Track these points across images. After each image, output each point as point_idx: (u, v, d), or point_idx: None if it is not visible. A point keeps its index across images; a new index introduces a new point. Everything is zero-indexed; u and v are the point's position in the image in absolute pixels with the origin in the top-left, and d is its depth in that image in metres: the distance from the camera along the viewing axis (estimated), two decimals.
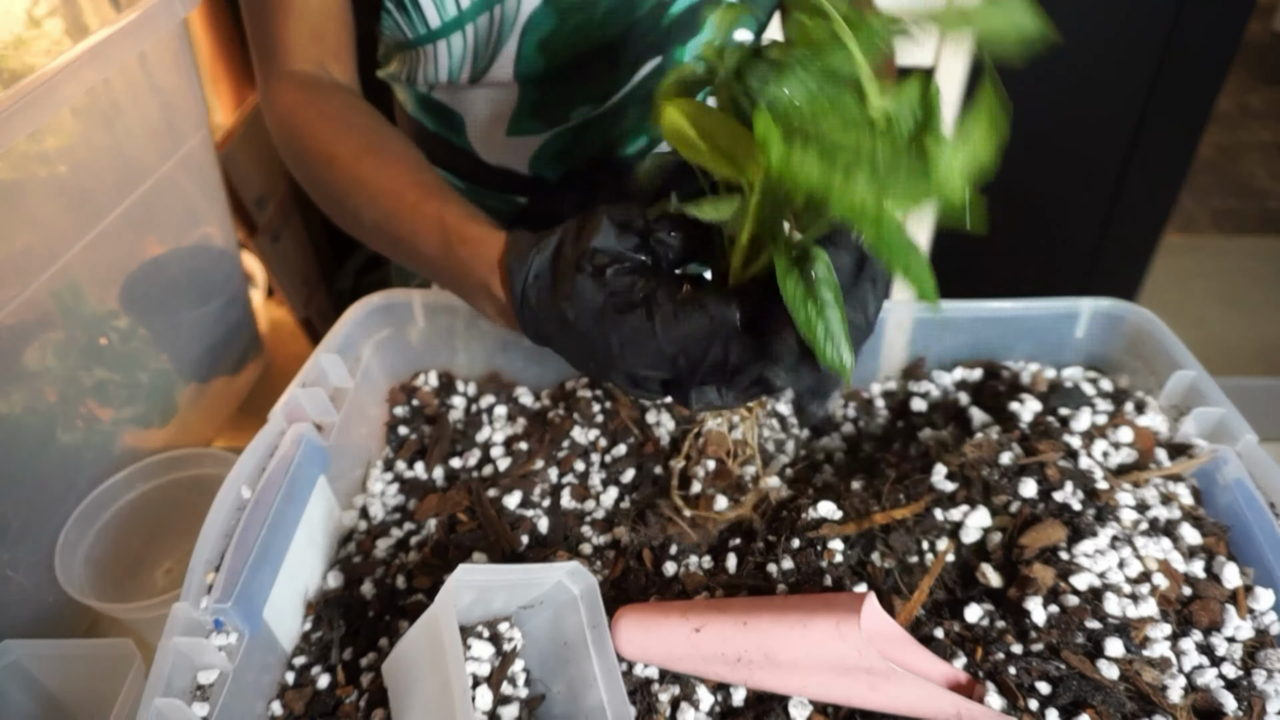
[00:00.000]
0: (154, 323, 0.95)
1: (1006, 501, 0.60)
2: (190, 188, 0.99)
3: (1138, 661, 0.52)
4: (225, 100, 1.62)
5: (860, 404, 0.78)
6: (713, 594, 0.60)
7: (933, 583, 0.57)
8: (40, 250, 0.79)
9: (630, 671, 0.56)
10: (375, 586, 0.65)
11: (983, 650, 0.53)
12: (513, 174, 0.78)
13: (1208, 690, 0.51)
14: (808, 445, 0.75)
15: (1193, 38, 1.48)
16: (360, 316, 0.75)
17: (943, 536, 0.59)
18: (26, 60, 0.90)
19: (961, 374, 0.77)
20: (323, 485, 0.68)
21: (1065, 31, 1.56)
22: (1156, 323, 0.72)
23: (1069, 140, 1.63)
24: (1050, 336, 0.76)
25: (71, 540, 0.80)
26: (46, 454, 0.80)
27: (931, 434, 0.69)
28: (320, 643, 0.62)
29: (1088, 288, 1.79)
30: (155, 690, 0.50)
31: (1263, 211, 2.73)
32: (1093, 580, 0.55)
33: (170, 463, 0.87)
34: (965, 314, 0.76)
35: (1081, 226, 1.74)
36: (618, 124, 0.75)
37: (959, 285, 2.02)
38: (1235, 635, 0.55)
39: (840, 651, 0.50)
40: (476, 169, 0.78)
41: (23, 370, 0.78)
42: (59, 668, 0.70)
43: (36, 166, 0.80)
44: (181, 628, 0.53)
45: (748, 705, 0.54)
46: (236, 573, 0.56)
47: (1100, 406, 0.69)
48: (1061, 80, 1.57)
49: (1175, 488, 0.63)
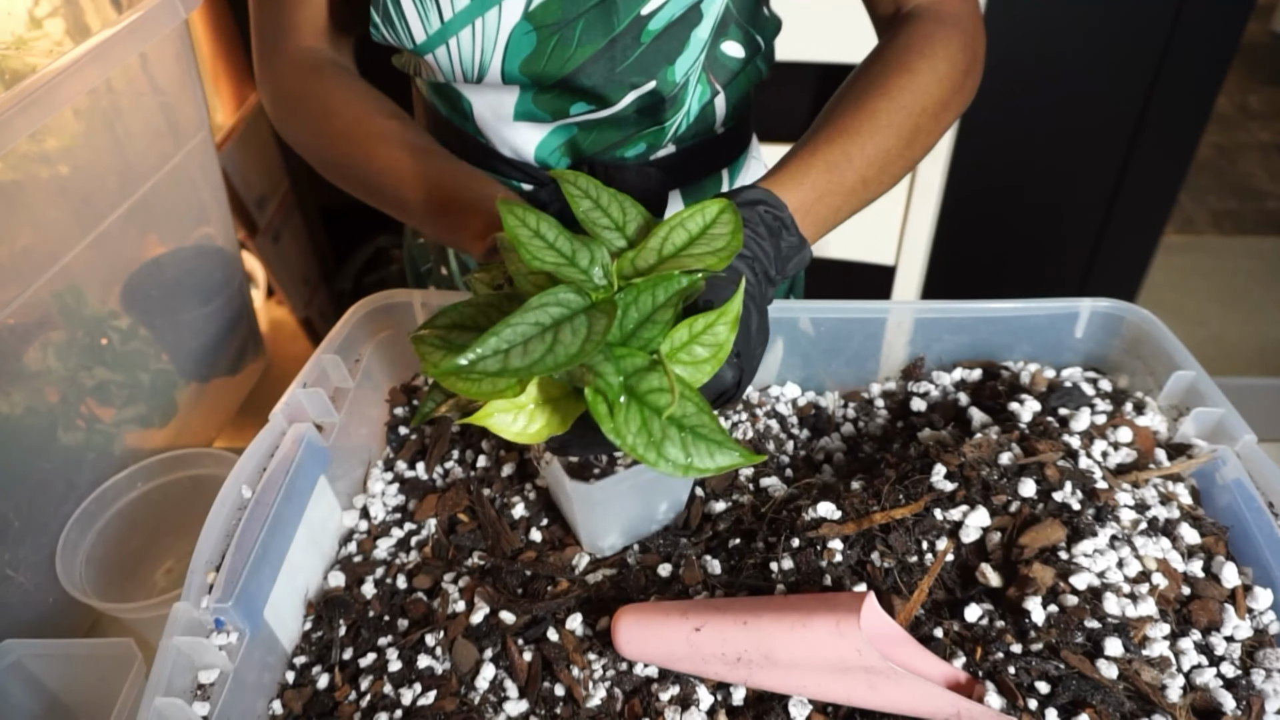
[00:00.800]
0: (155, 323, 0.95)
1: (1006, 501, 0.60)
2: (191, 188, 0.99)
3: (1137, 661, 0.52)
4: (226, 100, 1.62)
5: (860, 404, 0.78)
6: (712, 594, 0.60)
7: (932, 582, 0.57)
8: (41, 250, 0.79)
9: (630, 671, 0.56)
10: (375, 586, 0.65)
11: (982, 650, 0.53)
12: (520, 162, 0.79)
13: (1207, 690, 0.52)
14: (808, 445, 0.75)
15: (1192, 38, 1.48)
16: (360, 317, 0.75)
17: (942, 536, 0.59)
18: (28, 61, 0.90)
19: (961, 374, 0.77)
20: (323, 485, 0.68)
21: (1065, 31, 1.57)
22: (1156, 323, 0.72)
23: (1069, 140, 1.64)
24: (1050, 336, 0.76)
25: (72, 540, 0.80)
26: (47, 454, 0.81)
27: (931, 434, 0.69)
28: (320, 643, 0.63)
29: (1087, 288, 1.79)
30: (156, 689, 0.50)
31: (1261, 211, 2.73)
32: (1092, 580, 0.55)
33: (171, 463, 0.87)
34: (965, 314, 0.76)
35: (1081, 226, 1.74)
36: (619, 129, 0.75)
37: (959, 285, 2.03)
38: (1234, 635, 0.55)
39: (840, 651, 0.50)
40: (486, 155, 0.80)
41: (24, 370, 0.78)
42: (60, 667, 0.70)
43: (38, 167, 0.80)
44: (182, 627, 0.54)
45: (747, 705, 0.54)
46: (237, 572, 0.56)
47: (1100, 406, 0.69)
48: (1061, 80, 1.57)
49: (1174, 488, 0.63)
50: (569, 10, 0.67)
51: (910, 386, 0.77)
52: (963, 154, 1.54)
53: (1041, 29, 1.52)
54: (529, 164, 0.79)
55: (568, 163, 0.79)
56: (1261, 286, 2.44)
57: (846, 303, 0.76)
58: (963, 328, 0.77)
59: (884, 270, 1.54)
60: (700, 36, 0.70)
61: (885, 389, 0.79)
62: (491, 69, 0.70)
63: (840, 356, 0.79)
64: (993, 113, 1.58)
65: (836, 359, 0.79)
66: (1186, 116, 1.58)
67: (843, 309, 0.76)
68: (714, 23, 0.70)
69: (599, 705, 0.55)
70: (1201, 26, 1.47)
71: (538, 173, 0.79)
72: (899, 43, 0.67)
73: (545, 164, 0.78)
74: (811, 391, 0.80)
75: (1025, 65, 1.56)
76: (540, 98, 0.73)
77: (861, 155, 0.62)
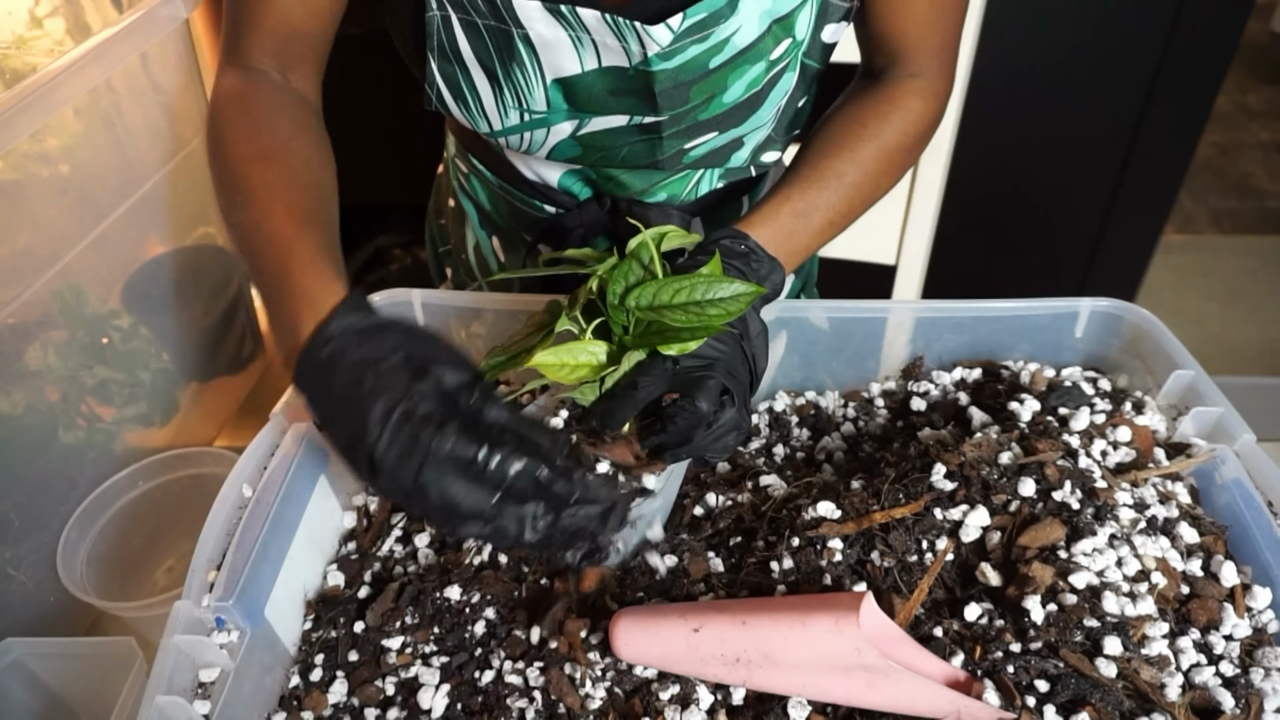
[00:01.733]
0: (155, 322, 0.95)
1: (1006, 501, 0.60)
2: (191, 188, 0.99)
3: (1136, 660, 0.52)
4: None
5: (860, 404, 0.78)
6: (715, 594, 0.60)
7: (932, 582, 0.57)
8: (42, 250, 0.79)
9: (630, 671, 0.56)
10: (375, 586, 0.65)
11: (981, 649, 0.53)
12: (543, 186, 0.81)
13: (1206, 688, 0.52)
14: (808, 445, 0.76)
15: (1192, 38, 1.48)
16: None
17: (942, 536, 0.59)
18: (28, 60, 0.90)
19: (961, 373, 0.77)
20: (323, 485, 0.68)
21: (1065, 32, 1.57)
22: (1155, 322, 0.73)
23: (1069, 140, 1.64)
24: (1049, 336, 0.76)
25: (73, 539, 0.80)
26: (48, 453, 0.81)
27: (931, 433, 0.69)
28: (320, 642, 0.63)
29: (1087, 287, 1.79)
30: (157, 688, 0.51)
31: (1261, 211, 2.73)
32: (1091, 579, 0.55)
33: (171, 462, 0.87)
34: (965, 314, 0.76)
35: (1081, 226, 1.74)
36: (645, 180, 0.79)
37: (959, 285, 2.03)
38: (1233, 634, 0.55)
39: (839, 649, 0.50)
40: (510, 172, 0.81)
41: (25, 370, 0.78)
42: (61, 666, 0.70)
43: (38, 166, 0.80)
44: (183, 626, 0.54)
45: (747, 705, 0.55)
46: (238, 571, 0.56)
47: (1099, 406, 0.69)
48: (1061, 80, 1.57)
49: (1174, 487, 0.63)
50: (616, 140, 0.70)
51: (910, 386, 0.77)
52: (963, 154, 1.54)
53: (1041, 29, 1.52)
54: (552, 188, 0.80)
55: (590, 192, 0.80)
56: (1261, 286, 2.44)
57: (847, 302, 0.76)
58: (963, 327, 0.77)
59: (884, 270, 1.54)
60: (741, 157, 0.74)
61: (885, 388, 0.79)
62: (537, 155, 0.73)
63: (840, 356, 0.79)
64: (993, 113, 1.58)
65: (837, 358, 0.79)
66: (1186, 116, 1.58)
67: (843, 308, 0.76)
68: (754, 147, 0.74)
69: (600, 706, 0.55)
70: (1201, 26, 1.47)
71: (560, 196, 0.81)
72: (868, 98, 0.73)
73: (569, 190, 0.80)
74: (811, 391, 0.80)
75: (1025, 65, 1.56)
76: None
77: (827, 204, 0.69)
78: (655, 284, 0.57)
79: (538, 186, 0.80)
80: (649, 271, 0.58)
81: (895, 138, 0.72)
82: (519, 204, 0.83)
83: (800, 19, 0.65)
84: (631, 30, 0.61)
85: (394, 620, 0.61)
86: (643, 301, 0.57)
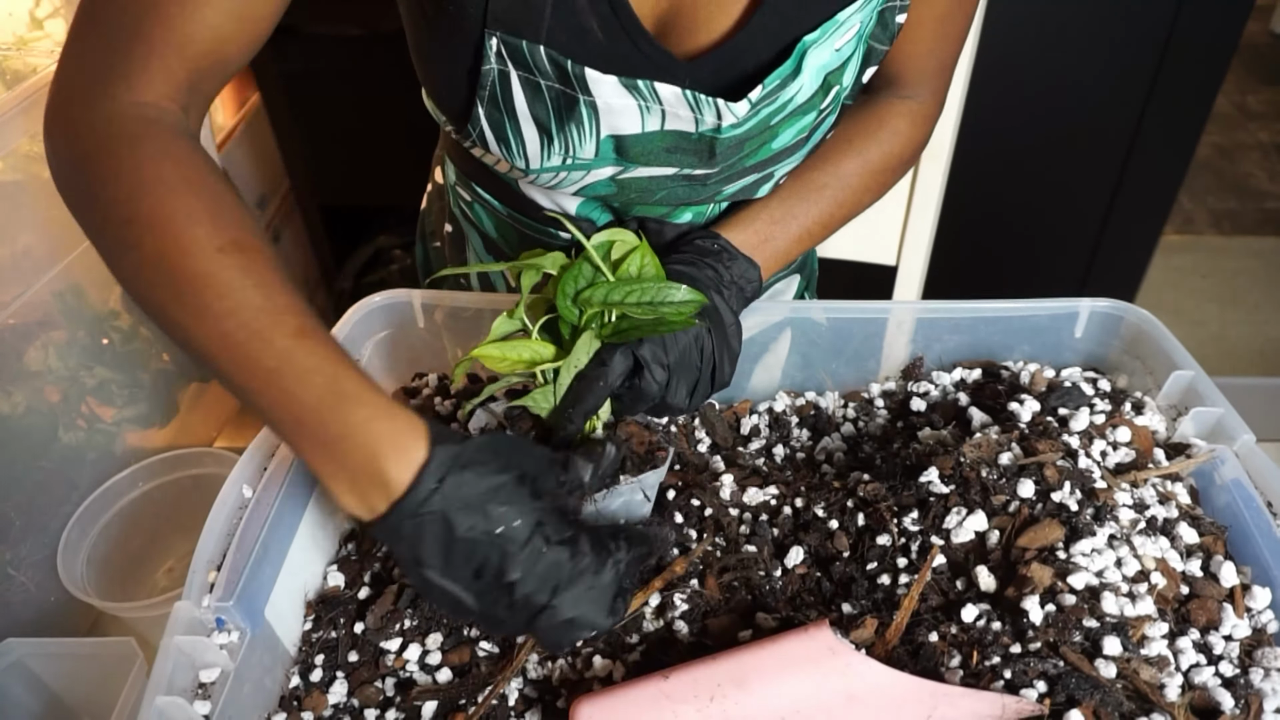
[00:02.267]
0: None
1: (1005, 501, 0.60)
2: None
3: (1135, 660, 0.52)
4: (226, 100, 1.62)
5: (860, 404, 0.78)
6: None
7: (928, 584, 0.57)
8: (42, 251, 0.79)
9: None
10: (375, 586, 0.65)
11: (979, 653, 0.53)
12: (558, 213, 0.77)
13: (1205, 689, 0.52)
14: (808, 446, 0.76)
15: (1192, 38, 1.48)
16: (360, 316, 0.75)
17: (941, 536, 0.59)
18: (29, 61, 0.90)
19: (961, 374, 0.77)
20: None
21: (1065, 31, 1.57)
22: (1155, 323, 0.73)
23: (1068, 140, 1.64)
24: (1049, 336, 0.76)
25: (74, 539, 0.80)
26: (49, 454, 0.81)
27: (931, 434, 0.69)
28: (320, 642, 0.63)
29: (1086, 288, 1.79)
30: (157, 688, 0.51)
31: (1261, 211, 2.73)
32: (1090, 579, 0.55)
33: (172, 462, 0.87)
34: (965, 314, 0.76)
35: (1080, 226, 1.74)
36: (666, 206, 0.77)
37: (959, 286, 2.03)
38: (1233, 634, 0.55)
39: (812, 653, 0.50)
40: (521, 201, 0.78)
41: (25, 370, 0.78)
42: (61, 666, 0.70)
43: (38, 167, 0.80)
44: (183, 626, 0.54)
45: None
46: (238, 571, 0.56)
47: (1099, 406, 0.69)
48: (1061, 81, 1.57)
49: (1173, 487, 0.63)
50: (656, 185, 0.70)
51: (910, 386, 0.77)
52: (963, 154, 1.54)
53: (1041, 29, 1.52)
54: (570, 215, 0.77)
55: (608, 218, 0.78)
56: (1261, 286, 2.44)
57: (847, 302, 0.76)
58: (963, 328, 0.77)
59: (885, 270, 1.54)
60: (768, 188, 0.73)
61: (885, 389, 0.79)
62: (565, 190, 0.72)
63: (840, 356, 0.79)
64: (993, 114, 1.58)
65: (837, 359, 0.79)
66: (1186, 116, 1.58)
67: (843, 309, 0.76)
68: (780, 177, 0.73)
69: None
70: (1201, 26, 1.47)
71: (578, 223, 0.77)
72: (858, 115, 0.74)
73: (588, 218, 0.77)
74: (812, 391, 0.80)
75: (1025, 66, 1.56)
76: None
77: (805, 215, 0.71)
78: (606, 286, 0.58)
79: (553, 215, 0.77)
80: (601, 273, 0.60)
81: (880, 157, 0.73)
82: (530, 232, 0.80)
83: (850, 68, 0.65)
84: (711, 105, 0.62)
85: (394, 622, 0.61)
86: (595, 299, 0.58)
